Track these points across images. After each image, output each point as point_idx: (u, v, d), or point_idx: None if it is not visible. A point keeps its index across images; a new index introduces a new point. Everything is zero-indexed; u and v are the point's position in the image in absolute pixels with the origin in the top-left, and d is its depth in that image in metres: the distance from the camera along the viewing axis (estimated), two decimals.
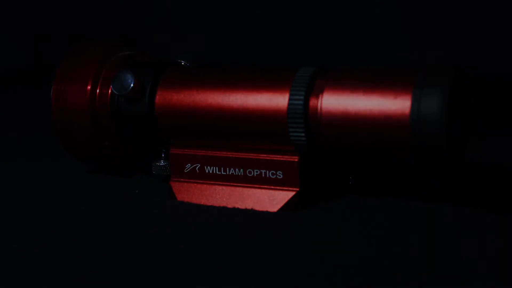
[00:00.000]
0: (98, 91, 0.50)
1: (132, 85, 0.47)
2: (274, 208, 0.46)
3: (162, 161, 0.50)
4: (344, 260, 0.38)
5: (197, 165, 0.48)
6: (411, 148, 0.41)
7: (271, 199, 0.46)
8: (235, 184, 0.47)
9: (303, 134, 0.44)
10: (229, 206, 0.46)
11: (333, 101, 0.43)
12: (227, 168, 0.47)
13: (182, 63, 0.52)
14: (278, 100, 0.45)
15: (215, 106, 0.46)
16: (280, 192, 0.46)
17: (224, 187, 0.47)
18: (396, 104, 0.41)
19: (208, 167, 0.48)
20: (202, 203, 0.47)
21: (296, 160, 0.45)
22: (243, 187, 0.47)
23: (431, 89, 0.41)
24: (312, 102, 0.44)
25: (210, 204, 0.47)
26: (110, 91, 0.50)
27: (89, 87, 0.50)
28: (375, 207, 0.45)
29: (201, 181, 0.48)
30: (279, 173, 0.46)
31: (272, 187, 0.46)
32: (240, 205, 0.46)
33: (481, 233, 0.41)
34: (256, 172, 0.46)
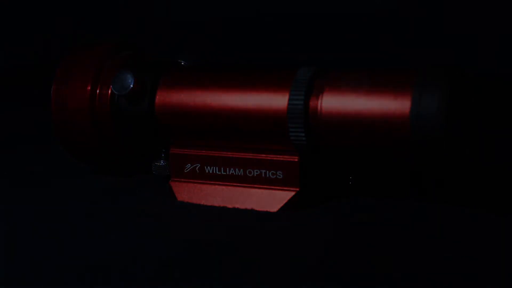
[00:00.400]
0: (98, 91, 0.50)
1: (132, 85, 0.47)
2: (274, 208, 0.46)
3: (162, 161, 0.50)
4: (344, 260, 0.38)
5: (197, 165, 0.48)
6: (411, 148, 0.41)
7: (271, 199, 0.46)
8: (235, 184, 0.47)
9: (303, 134, 0.44)
10: (229, 206, 0.46)
11: (333, 101, 0.43)
12: (227, 168, 0.47)
13: (182, 63, 0.52)
14: (278, 100, 0.45)
15: (215, 106, 0.46)
16: (280, 192, 0.46)
17: (224, 187, 0.47)
18: (396, 104, 0.41)
19: (208, 167, 0.48)
20: (202, 203, 0.47)
21: (296, 160, 0.45)
22: (243, 187, 0.47)
23: (431, 89, 0.41)
24: (312, 102, 0.44)
25: (210, 204, 0.47)
26: (110, 91, 0.50)
27: (89, 87, 0.50)
28: (375, 207, 0.45)
29: (201, 181, 0.48)
30: (279, 173, 0.46)
31: (272, 187, 0.46)
32: (240, 205, 0.46)
33: (481, 233, 0.41)
34: (256, 172, 0.46)
